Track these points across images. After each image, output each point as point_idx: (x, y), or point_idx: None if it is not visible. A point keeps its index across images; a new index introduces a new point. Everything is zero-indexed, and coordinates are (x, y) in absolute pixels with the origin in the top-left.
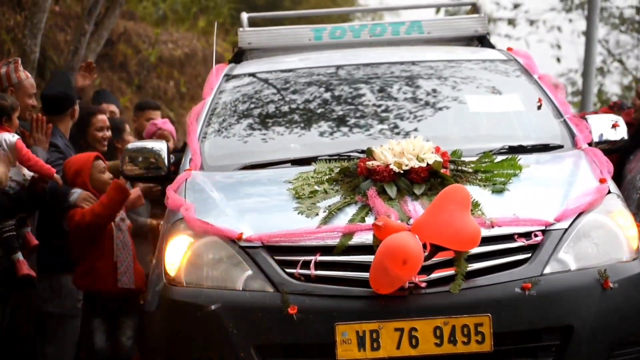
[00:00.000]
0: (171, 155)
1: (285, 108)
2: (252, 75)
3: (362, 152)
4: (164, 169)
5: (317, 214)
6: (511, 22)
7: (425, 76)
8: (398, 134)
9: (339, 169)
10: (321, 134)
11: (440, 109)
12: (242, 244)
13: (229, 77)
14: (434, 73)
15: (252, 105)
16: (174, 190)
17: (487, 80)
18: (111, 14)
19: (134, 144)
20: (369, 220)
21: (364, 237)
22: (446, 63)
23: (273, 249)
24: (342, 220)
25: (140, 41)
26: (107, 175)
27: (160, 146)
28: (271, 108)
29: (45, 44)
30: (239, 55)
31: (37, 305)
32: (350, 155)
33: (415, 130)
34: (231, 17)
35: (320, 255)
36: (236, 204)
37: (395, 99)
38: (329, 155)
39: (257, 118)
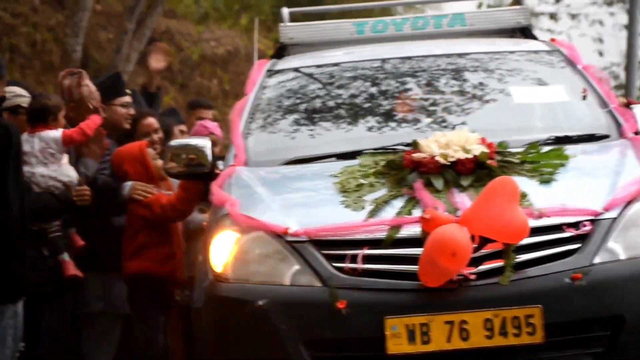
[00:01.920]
0: None
1: (330, 102)
2: (296, 70)
3: (408, 145)
4: (208, 166)
5: (364, 208)
6: (553, 16)
7: (471, 68)
8: (445, 127)
9: (384, 162)
10: (367, 128)
11: (485, 101)
12: (289, 238)
13: (271, 73)
14: (479, 65)
15: (296, 100)
16: (218, 186)
17: (532, 72)
18: (153, 12)
19: (176, 141)
20: (416, 212)
21: (412, 230)
22: (491, 55)
23: (320, 243)
24: (389, 213)
25: (182, 39)
26: (159, 162)
27: (204, 143)
28: (315, 102)
29: (87, 43)
30: (281, 51)
31: (77, 305)
32: (395, 148)
33: (463, 123)
34: (273, 14)
35: (368, 248)
36: (282, 198)
37: (441, 92)
38: (374, 149)
39: (301, 113)
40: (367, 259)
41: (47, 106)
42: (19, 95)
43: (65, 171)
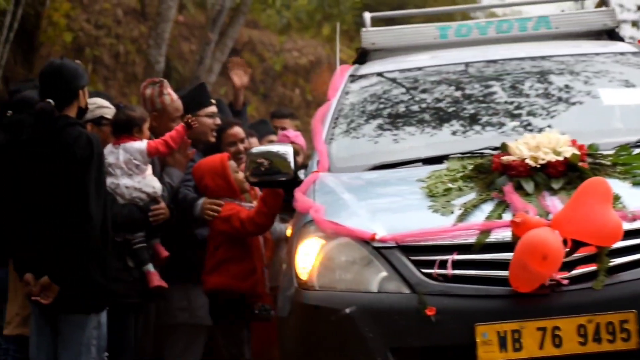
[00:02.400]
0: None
1: (414, 107)
2: (379, 74)
3: (495, 149)
4: (290, 173)
5: (452, 212)
6: (635, 24)
7: (557, 71)
8: (531, 130)
9: (472, 165)
10: (452, 132)
11: (573, 103)
12: (376, 244)
13: (354, 78)
14: (565, 68)
15: (379, 105)
16: (302, 193)
17: (620, 73)
18: (235, 22)
19: (257, 148)
20: (507, 216)
21: (502, 234)
22: (577, 57)
23: (408, 249)
24: (479, 217)
25: (264, 50)
26: (241, 175)
27: (286, 149)
28: (399, 107)
29: (169, 54)
30: (362, 56)
31: (161, 316)
32: (482, 153)
33: (549, 127)
34: (355, 24)
35: (457, 254)
36: (367, 204)
37: (527, 95)
38: (461, 153)
39: (384, 118)
40: (456, 264)
41: (132, 118)
42: (102, 106)
43: (150, 182)
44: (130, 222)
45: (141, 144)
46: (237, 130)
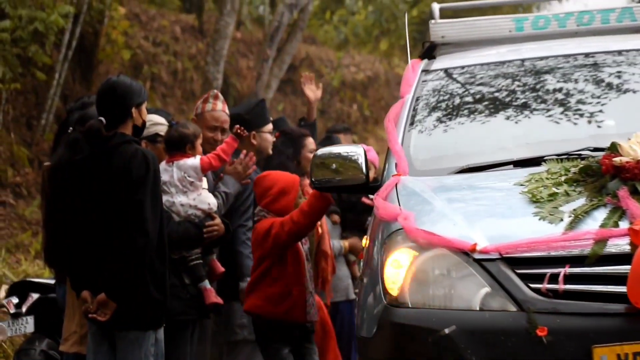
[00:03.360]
0: None
1: (499, 104)
2: (457, 69)
3: (595, 149)
4: (363, 176)
5: (562, 220)
6: None
7: None
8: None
9: (576, 168)
10: (544, 132)
11: None
12: (477, 256)
13: (428, 73)
14: None
15: (460, 103)
16: (383, 199)
17: None
18: (293, 38)
19: (324, 149)
20: (623, 224)
21: (619, 244)
22: None
23: (513, 261)
24: (591, 225)
25: (322, 65)
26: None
27: (356, 150)
28: (482, 105)
29: (227, 71)
30: (430, 51)
31: (223, 333)
32: (580, 154)
33: None
34: (412, 39)
35: (570, 266)
36: (463, 211)
37: (625, 91)
38: (557, 155)
39: (467, 116)
40: (567, 278)
41: (185, 135)
42: (157, 123)
43: (205, 199)
44: (186, 239)
45: (194, 161)
46: (311, 141)
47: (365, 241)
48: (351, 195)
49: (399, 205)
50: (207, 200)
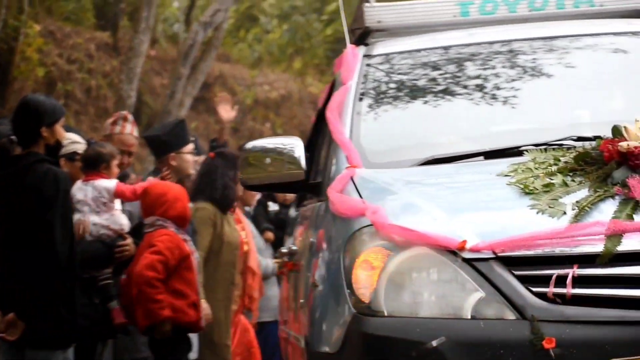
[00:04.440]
0: None
1: (458, 91)
2: (406, 53)
3: (579, 139)
4: (302, 172)
5: (565, 212)
6: None
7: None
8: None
9: (572, 156)
10: (513, 120)
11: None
12: (466, 255)
13: (370, 57)
14: (618, 47)
15: (415, 89)
16: (338, 192)
17: None
18: (207, 56)
19: (255, 142)
20: (638, 217)
21: (635, 241)
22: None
23: (510, 261)
24: (599, 219)
25: (236, 83)
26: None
27: (293, 142)
28: (440, 92)
29: (141, 88)
30: (363, 38)
31: (127, 351)
32: (562, 144)
33: None
34: (326, 57)
35: (578, 267)
36: (443, 204)
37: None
38: (535, 145)
39: (424, 104)
40: (574, 281)
41: (101, 154)
42: (75, 142)
43: (118, 220)
44: (97, 258)
45: (110, 184)
46: None
47: (291, 249)
48: (286, 212)
49: (361, 199)
50: (120, 221)
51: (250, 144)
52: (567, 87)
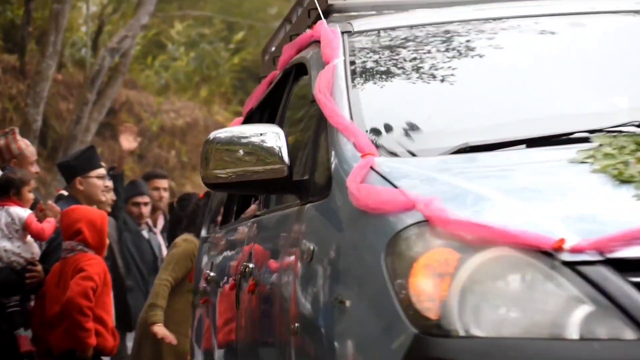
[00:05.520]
0: None
1: (478, 69)
2: (399, 29)
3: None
4: (285, 168)
5: None
6: None
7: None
8: None
9: None
10: (549, 103)
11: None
12: (566, 257)
13: (351, 34)
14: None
15: (423, 65)
16: (359, 183)
17: None
18: (114, 82)
19: (224, 131)
20: None
21: None
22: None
23: (624, 265)
24: None
25: (142, 110)
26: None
27: (273, 130)
28: (453, 69)
29: (47, 113)
30: (323, 17)
31: None
32: (622, 130)
33: None
34: (233, 87)
35: None
36: (515, 193)
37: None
38: (589, 131)
39: (441, 82)
40: None
41: (10, 179)
42: None
43: (29, 248)
44: (6, 286)
45: (23, 214)
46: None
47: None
48: None
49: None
50: (32, 249)
51: (214, 134)
52: (601, 70)
